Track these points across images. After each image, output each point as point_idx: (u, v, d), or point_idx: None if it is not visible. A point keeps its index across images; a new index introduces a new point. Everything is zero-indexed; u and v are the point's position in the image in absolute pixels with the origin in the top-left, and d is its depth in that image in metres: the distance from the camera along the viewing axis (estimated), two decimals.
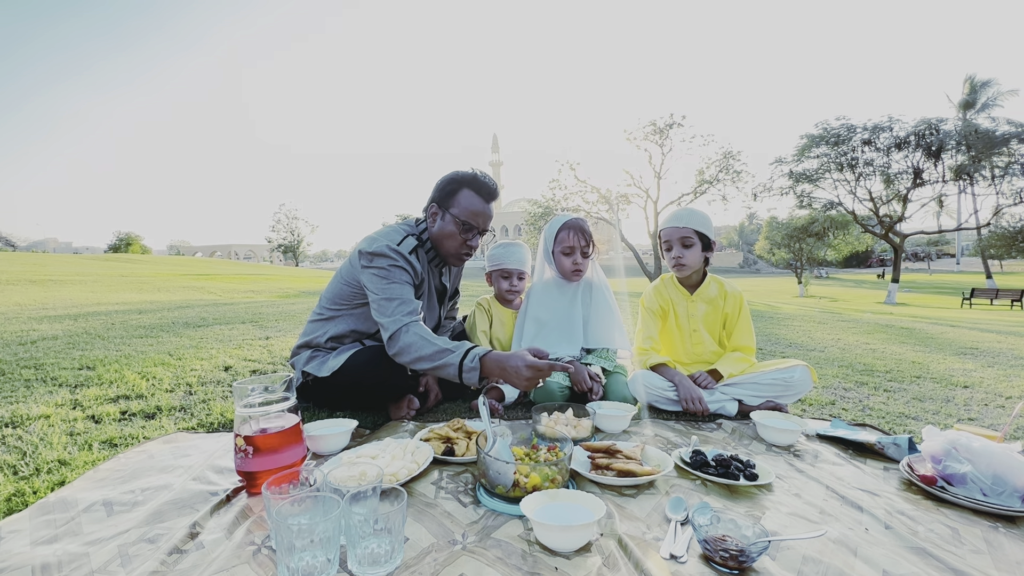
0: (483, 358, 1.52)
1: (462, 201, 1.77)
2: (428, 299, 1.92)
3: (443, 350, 1.56)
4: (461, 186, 1.79)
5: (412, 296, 1.70)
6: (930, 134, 16.21)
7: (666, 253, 2.06)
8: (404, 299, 1.67)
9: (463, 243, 1.80)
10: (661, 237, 2.07)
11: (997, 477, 1.21)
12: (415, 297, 1.76)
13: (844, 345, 3.93)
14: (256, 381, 1.23)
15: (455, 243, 1.81)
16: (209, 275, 14.85)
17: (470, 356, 1.53)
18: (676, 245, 2.01)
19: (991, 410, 2.12)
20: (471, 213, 1.78)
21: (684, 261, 2.00)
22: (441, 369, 1.57)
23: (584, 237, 2.10)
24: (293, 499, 0.92)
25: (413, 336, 1.60)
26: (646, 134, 19.44)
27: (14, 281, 8.65)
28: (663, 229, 2.06)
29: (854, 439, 1.59)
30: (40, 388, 2.04)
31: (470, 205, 1.77)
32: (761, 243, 32.04)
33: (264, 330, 3.87)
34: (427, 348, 1.58)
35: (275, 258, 61.67)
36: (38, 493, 1.21)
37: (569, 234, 2.10)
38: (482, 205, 1.79)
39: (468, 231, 1.79)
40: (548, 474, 1.16)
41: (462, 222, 1.77)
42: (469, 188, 1.78)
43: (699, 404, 1.87)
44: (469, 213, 1.78)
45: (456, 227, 1.78)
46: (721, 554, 0.94)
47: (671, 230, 2.02)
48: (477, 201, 1.78)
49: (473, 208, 1.78)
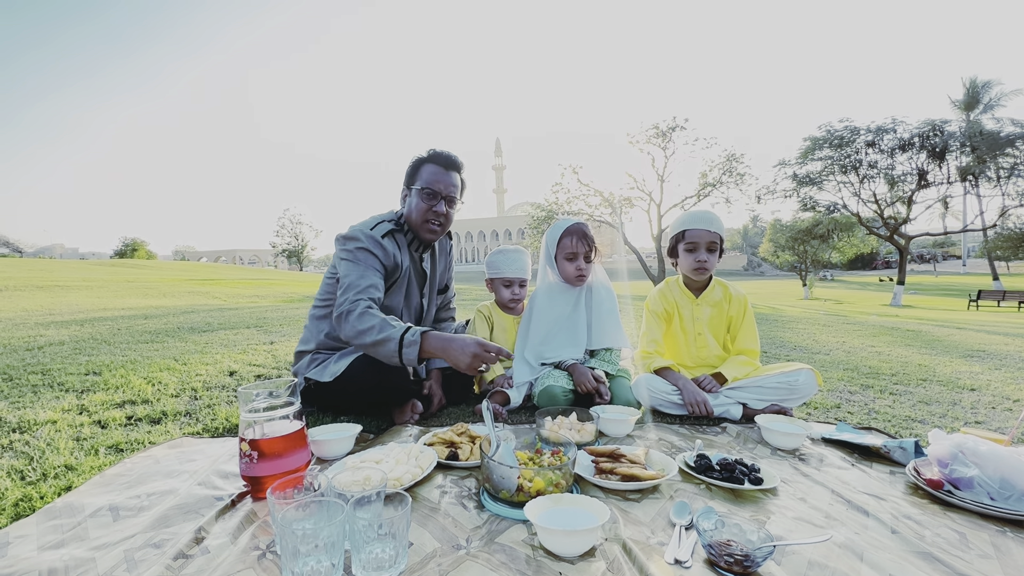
0: (425, 334, 1.58)
1: (424, 174, 1.88)
2: (407, 284, 1.95)
3: (385, 326, 1.61)
4: (422, 163, 1.90)
5: (373, 280, 1.75)
6: (934, 135, 16.16)
7: (687, 254, 2.01)
8: (360, 284, 1.72)
9: (428, 209, 1.87)
10: (685, 237, 2.00)
11: (1004, 481, 1.20)
12: (387, 281, 1.83)
13: (849, 348, 3.91)
14: (261, 386, 1.24)
15: (421, 212, 1.88)
16: (214, 280, 14.92)
17: (411, 331, 1.58)
18: (702, 249, 1.98)
19: (998, 413, 2.11)
20: (432, 180, 1.87)
21: (707, 265, 1.99)
22: (382, 345, 1.59)
23: (587, 243, 2.09)
24: (298, 504, 0.92)
25: (357, 315, 1.65)
26: (649, 137, 19.47)
27: (21, 287, 8.72)
28: (689, 230, 1.99)
29: (860, 443, 1.58)
30: (47, 393, 2.05)
31: (430, 174, 1.87)
32: (765, 246, 31.95)
33: (269, 335, 3.89)
34: (368, 322, 1.62)
35: (279, 263, 61.91)
36: (45, 498, 1.22)
37: (572, 240, 2.09)
38: (442, 173, 1.88)
39: (432, 198, 1.87)
40: (552, 478, 1.16)
41: (424, 189, 1.86)
42: (429, 162, 1.89)
43: (704, 408, 1.86)
44: (430, 181, 1.87)
45: (420, 197, 1.87)
46: (726, 559, 0.93)
47: (701, 232, 1.97)
48: (437, 170, 1.88)
49: (434, 176, 1.87)
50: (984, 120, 20.52)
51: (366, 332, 1.61)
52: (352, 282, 1.73)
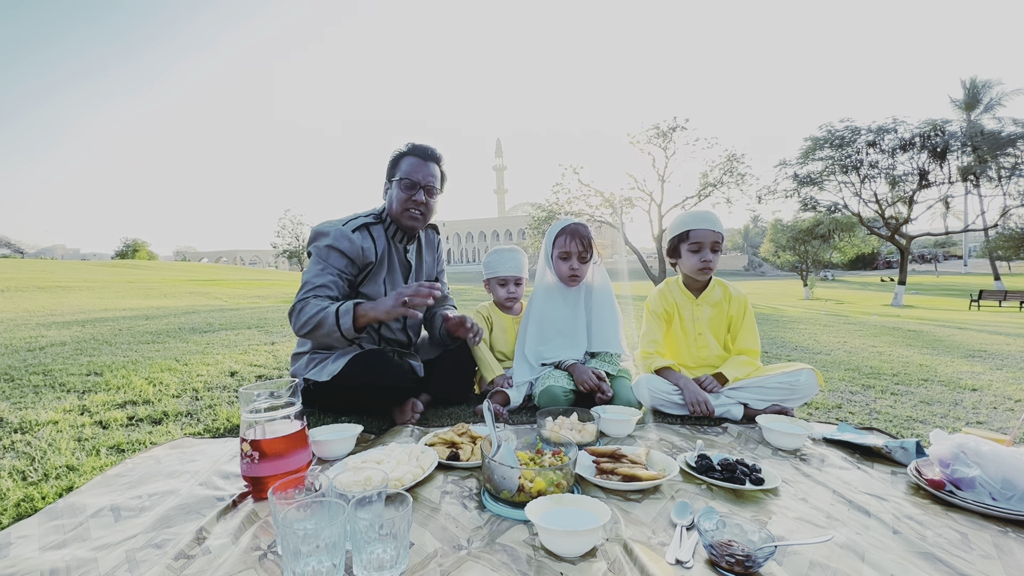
0: (357, 304, 1.71)
1: (403, 166, 1.92)
2: (390, 275, 1.98)
3: (322, 308, 1.72)
4: (401, 156, 1.94)
5: (328, 279, 1.81)
6: (935, 135, 16.14)
7: (692, 254, 2.01)
8: (314, 283, 1.79)
9: (407, 199, 1.90)
10: (689, 237, 2.01)
11: (1006, 481, 1.20)
12: (359, 272, 1.89)
13: (850, 348, 3.90)
14: (262, 386, 1.24)
15: (401, 202, 1.91)
16: (215, 281, 14.94)
17: (344, 304, 1.72)
18: (707, 248, 1.98)
19: (1000, 413, 2.10)
20: (411, 171, 1.90)
21: (712, 265, 1.99)
22: (322, 326, 1.70)
23: (581, 242, 2.08)
24: (299, 504, 0.92)
25: (299, 309, 1.75)
26: (649, 137, 19.45)
27: (23, 288, 8.74)
28: (693, 230, 1.99)
29: (861, 443, 1.58)
30: (48, 394, 2.05)
31: (409, 166, 1.91)
32: (766, 246, 31.93)
33: (269, 335, 3.89)
34: (309, 311, 1.72)
35: (280, 263, 61.95)
36: (47, 498, 1.22)
37: (566, 239, 2.09)
38: (420, 163, 1.91)
39: (411, 188, 1.90)
40: (553, 479, 1.16)
41: (404, 180, 1.89)
42: (408, 155, 1.93)
43: (705, 407, 1.86)
44: (409, 172, 1.90)
45: (401, 189, 1.90)
46: (727, 559, 0.93)
47: (705, 232, 1.97)
48: (416, 161, 1.92)
49: (412, 167, 1.91)
50: (985, 120, 20.51)
51: (309, 320, 1.72)
52: (307, 280, 1.81)
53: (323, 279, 1.80)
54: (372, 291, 1.92)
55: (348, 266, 1.85)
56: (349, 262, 1.85)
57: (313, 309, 1.72)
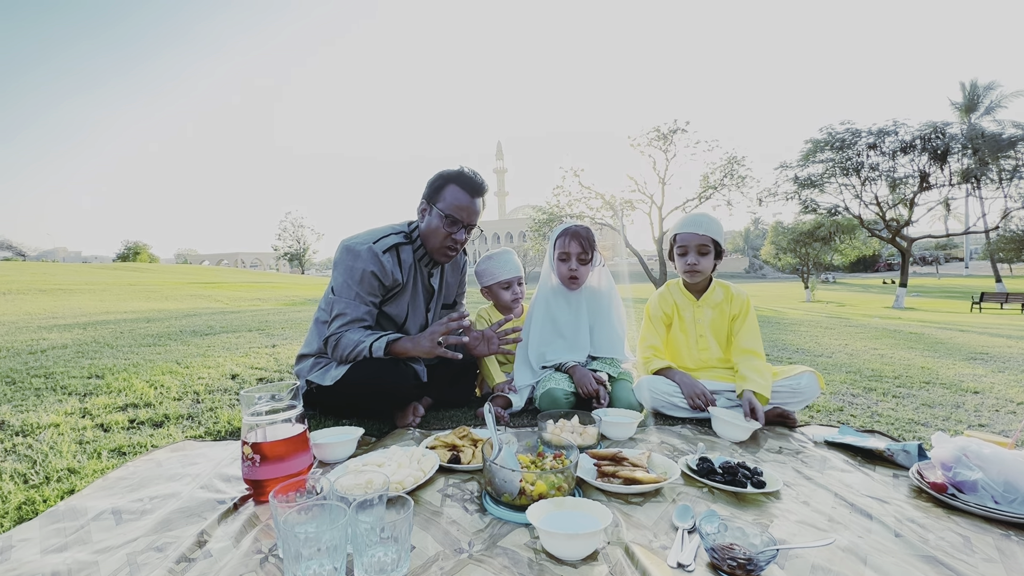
0: (391, 342, 1.73)
1: (447, 196, 1.81)
2: (413, 298, 1.93)
3: (360, 342, 1.74)
4: (448, 182, 1.82)
5: (363, 312, 1.79)
6: (936, 138, 16.13)
7: (679, 258, 2.03)
8: (348, 314, 1.78)
9: (447, 236, 1.83)
10: (676, 241, 2.04)
11: (1008, 484, 1.19)
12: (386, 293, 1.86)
13: (852, 351, 3.90)
14: (263, 389, 1.24)
15: (439, 237, 1.83)
16: (216, 283, 14.95)
17: (379, 340, 1.73)
18: (692, 252, 1.99)
19: (1002, 416, 2.10)
20: (456, 207, 1.80)
21: (698, 268, 1.99)
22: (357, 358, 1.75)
23: (581, 244, 2.09)
24: (300, 507, 0.92)
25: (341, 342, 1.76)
26: (650, 140, 19.45)
27: (24, 290, 8.75)
28: (679, 233, 2.02)
29: (863, 446, 1.57)
30: (50, 397, 2.06)
31: (455, 199, 1.80)
32: (767, 248, 31.88)
33: (271, 338, 3.89)
34: (348, 345, 1.75)
35: (281, 266, 62.05)
36: (48, 501, 1.22)
37: (565, 240, 2.10)
38: (467, 200, 1.82)
39: (453, 224, 1.82)
40: (554, 482, 1.16)
41: (447, 216, 1.80)
42: (455, 183, 1.81)
43: (704, 398, 1.85)
44: (454, 207, 1.80)
45: (441, 221, 1.81)
46: (729, 563, 0.93)
47: (689, 236, 1.99)
48: (462, 196, 1.81)
49: (458, 202, 1.81)
50: (985, 122, 20.50)
51: (346, 356, 1.76)
52: (341, 311, 1.78)
53: (357, 311, 1.78)
54: (395, 312, 1.91)
55: (378, 288, 1.81)
56: (380, 284, 1.81)
57: (349, 345, 1.74)
